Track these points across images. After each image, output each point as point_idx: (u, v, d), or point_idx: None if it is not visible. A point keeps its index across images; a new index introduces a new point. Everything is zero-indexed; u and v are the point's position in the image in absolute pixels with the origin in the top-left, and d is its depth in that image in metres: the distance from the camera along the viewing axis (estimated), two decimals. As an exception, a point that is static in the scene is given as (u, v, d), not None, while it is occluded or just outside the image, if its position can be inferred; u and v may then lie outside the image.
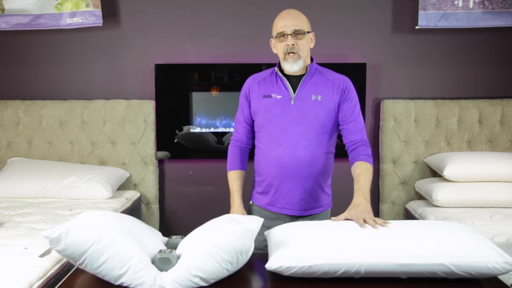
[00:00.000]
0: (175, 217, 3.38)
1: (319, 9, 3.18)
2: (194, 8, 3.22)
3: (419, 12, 3.05)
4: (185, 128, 3.24)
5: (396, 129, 3.16)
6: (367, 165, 1.85)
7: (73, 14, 3.11)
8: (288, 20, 1.88)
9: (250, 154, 2.08)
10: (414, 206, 2.98)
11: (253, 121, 2.02)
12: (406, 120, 3.15)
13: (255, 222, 1.53)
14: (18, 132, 3.24)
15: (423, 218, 2.73)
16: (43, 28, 3.14)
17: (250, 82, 2.02)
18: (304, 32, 1.88)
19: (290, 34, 1.86)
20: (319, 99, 1.90)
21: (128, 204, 2.91)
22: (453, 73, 3.23)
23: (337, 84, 1.94)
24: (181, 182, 3.33)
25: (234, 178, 2.00)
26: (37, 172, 2.96)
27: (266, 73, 2.02)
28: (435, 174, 3.14)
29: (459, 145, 3.16)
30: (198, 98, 3.23)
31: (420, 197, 3.13)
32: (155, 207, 3.28)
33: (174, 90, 3.23)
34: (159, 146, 3.25)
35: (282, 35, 1.88)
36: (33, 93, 3.31)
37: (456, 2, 3.04)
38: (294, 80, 1.94)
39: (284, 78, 1.94)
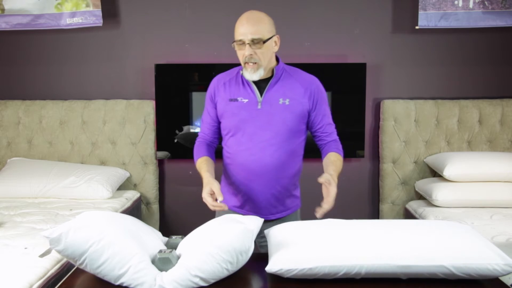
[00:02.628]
0: (175, 217, 3.38)
1: (319, 9, 3.18)
2: (194, 8, 3.22)
3: (419, 12, 3.05)
4: (185, 128, 3.24)
5: (396, 129, 3.16)
6: (340, 157, 1.88)
7: (73, 14, 3.10)
8: (247, 28, 1.76)
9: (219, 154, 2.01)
10: (414, 206, 2.98)
11: (219, 122, 1.96)
12: (406, 120, 3.15)
13: (255, 222, 1.53)
14: (18, 132, 3.24)
15: (423, 218, 2.73)
16: (43, 28, 3.14)
17: (216, 84, 1.94)
18: (263, 41, 1.76)
19: (248, 44, 1.75)
20: (287, 103, 1.83)
21: (128, 204, 2.91)
22: (453, 73, 3.23)
23: (305, 87, 1.86)
24: (181, 182, 3.33)
25: (202, 161, 1.90)
26: (37, 172, 2.96)
27: (232, 73, 1.94)
28: (435, 174, 3.14)
29: (459, 145, 3.16)
30: (198, 98, 3.23)
31: (420, 197, 3.13)
32: (155, 207, 3.28)
33: (174, 90, 3.23)
34: (159, 146, 3.25)
35: (241, 43, 1.77)
36: (33, 93, 3.31)
37: (456, 2, 3.04)
38: (261, 83, 1.86)
39: (250, 81, 1.85)
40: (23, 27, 3.14)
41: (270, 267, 1.42)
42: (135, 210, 3.01)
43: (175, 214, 3.37)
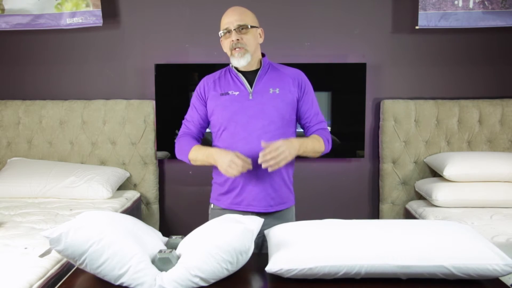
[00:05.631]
0: (175, 217, 3.38)
1: (319, 9, 3.18)
2: (194, 8, 3.22)
3: (419, 12, 3.05)
4: (185, 128, 3.23)
5: (396, 129, 3.16)
6: (320, 139, 1.91)
7: (73, 14, 3.11)
8: (232, 16, 1.88)
9: None
10: (414, 206, 2.98)
11: (207, 122, 1.98)
12: (406, 120, 3.15)
13: (255, 222, 1.53)
14: (18, 132, 3.24)
15: (423, 218, 2.73)
16: (43, 28, 3.14)
17: (205, 82, 1.99)
18: (248, 26, 1.87)
19: (235, 30, 1.86)
20: (277, 92, 1.89)
21: (128, 204, 2.91)
22: (453, 73, 3.23)
23: (293, 77, 1.94)
24: (181, 182, 3.33)
25: (198, 147, 1.90)
26: (37, 172, 2.96)
27: (220, 72, 2.01)
28: (435, 174, 3.14)
29: (459, 145, 3.16)
30: (198, 98, 3.22)
31: (420, 197, 3.13)
32: (155, 207, 3.28)
33: (174, 90, 3.23)
34: (159, 146, 3.25)
35: (227, 31, 1.88)
36: (33, 93, 3.31)
37: (456, 2, 3.04)
38: (250, 76, 1.93)
39: (240, 74, 1.93)
40: (23, 27, 3.14)
41: (270, 267, 1.42)
42: (135, 210, 3.01)
43: (175, 214, 3.37)
